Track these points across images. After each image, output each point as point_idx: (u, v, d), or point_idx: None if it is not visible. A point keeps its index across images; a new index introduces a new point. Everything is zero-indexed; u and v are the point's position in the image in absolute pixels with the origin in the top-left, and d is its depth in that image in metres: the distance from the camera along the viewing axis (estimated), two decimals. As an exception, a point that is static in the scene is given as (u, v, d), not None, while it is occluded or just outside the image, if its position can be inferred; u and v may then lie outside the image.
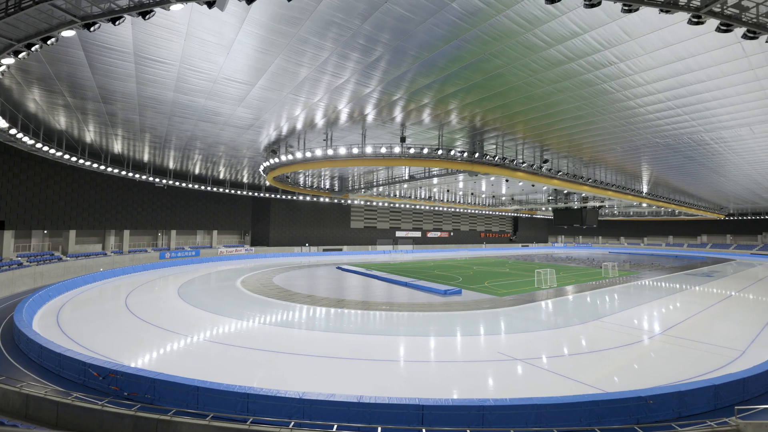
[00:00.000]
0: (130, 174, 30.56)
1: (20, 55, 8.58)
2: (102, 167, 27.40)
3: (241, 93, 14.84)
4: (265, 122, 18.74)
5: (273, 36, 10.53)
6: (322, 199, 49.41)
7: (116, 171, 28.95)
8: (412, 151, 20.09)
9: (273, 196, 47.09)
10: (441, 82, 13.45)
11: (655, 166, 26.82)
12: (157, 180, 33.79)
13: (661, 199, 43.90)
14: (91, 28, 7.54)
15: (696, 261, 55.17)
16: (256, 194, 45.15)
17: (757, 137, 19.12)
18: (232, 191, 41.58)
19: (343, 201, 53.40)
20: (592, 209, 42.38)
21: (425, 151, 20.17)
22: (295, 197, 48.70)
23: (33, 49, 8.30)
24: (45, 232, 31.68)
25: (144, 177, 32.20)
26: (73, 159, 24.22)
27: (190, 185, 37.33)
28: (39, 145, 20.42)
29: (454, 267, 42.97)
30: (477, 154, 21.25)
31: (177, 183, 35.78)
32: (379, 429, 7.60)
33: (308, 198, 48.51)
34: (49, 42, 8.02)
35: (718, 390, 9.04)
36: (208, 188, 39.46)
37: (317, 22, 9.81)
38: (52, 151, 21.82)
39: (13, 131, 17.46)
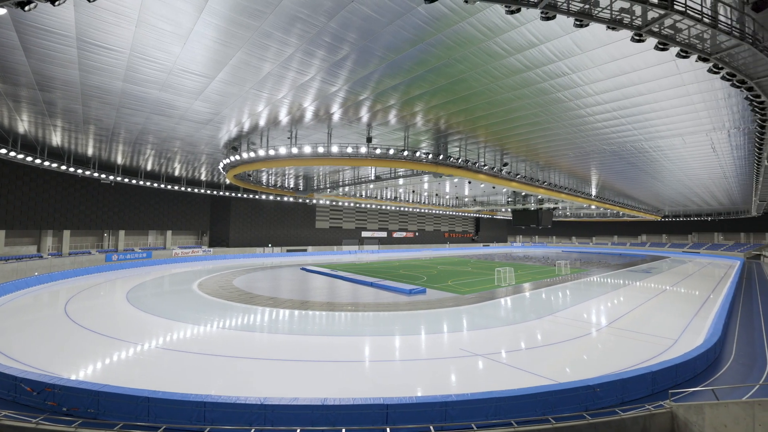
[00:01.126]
0: (71, 169, 27.95)
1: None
2: (38, 161, 24.82)
3: (199, 86, 14.11)
4: (225, 117, 17.95)
5: (234, 28, 10.13)
6: (286, 199, 48.18)
7: (55, 165, 26.38)
8: (378, 151, 20.19)
9: (234, 194, 45.21)
10: (407, 84, 13.63)
11: (603, 170, 28.99)
12: (103, 176, 31.17)
13: (607, 202, 47.53)
14: (26, 8, 6.82)
15: (637, 258, 60.22)
16: (215, 192, 43.05)
17: (687, 146, 21.25)
18: (189, 189, 39.32)
19: (308, 201, 52.42)
20: (547, 211, 44.93)
21: (391, 151, 20.35)
22: (257, 196, 47.08)
23: (-48, 26, 7.36)
24: (-33, 232, 28.25)
25: (87, 172, 29.56)
26: (2, 151, 21.76)
27: (141, 182, 34.80)
28: (-40, 135, 18.19)
29: (419, 266, 43.67)
30: (441, 156, 21.78)
31: (126, 179, 33.21)
32: (344, 430, 7.55)
33: (271, 197, 47.10)
34: (-28, 19, 7.15)
35: (654, 376, 9.91)
36: (162, 185, 37.06)
37: (281, 16, 9.56)
38: (-23, 141, 19.51)
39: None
